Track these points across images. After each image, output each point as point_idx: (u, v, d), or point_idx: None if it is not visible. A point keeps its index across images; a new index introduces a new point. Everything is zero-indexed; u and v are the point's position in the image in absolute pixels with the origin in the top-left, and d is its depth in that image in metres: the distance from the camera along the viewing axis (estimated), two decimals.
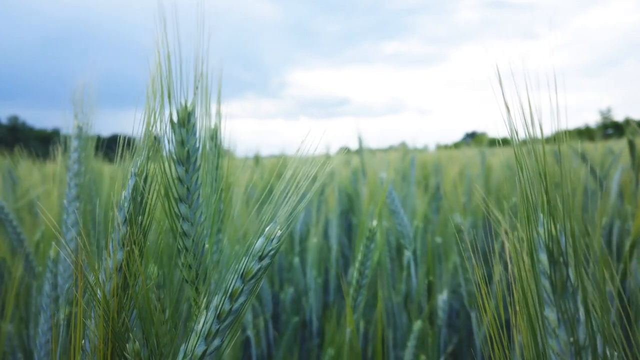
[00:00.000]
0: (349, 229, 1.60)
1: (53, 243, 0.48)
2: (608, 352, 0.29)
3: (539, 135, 0.30)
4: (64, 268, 0.47)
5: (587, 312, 0.29)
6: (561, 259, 0.30)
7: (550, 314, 0.31)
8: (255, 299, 1.24)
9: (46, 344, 0.49)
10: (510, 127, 0.31)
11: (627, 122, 1.15)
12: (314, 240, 1.32)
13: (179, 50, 0.29)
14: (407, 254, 0.91)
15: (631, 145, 1.08)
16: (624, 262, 0.67)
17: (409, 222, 0.90)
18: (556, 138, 0.30)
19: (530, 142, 0.30)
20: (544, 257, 0.31)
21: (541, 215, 0.31)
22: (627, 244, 0.67)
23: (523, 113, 0.30)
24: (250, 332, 1.12)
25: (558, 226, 0.30)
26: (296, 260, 1.39)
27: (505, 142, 0.35)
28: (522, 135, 0.31)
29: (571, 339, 0.30)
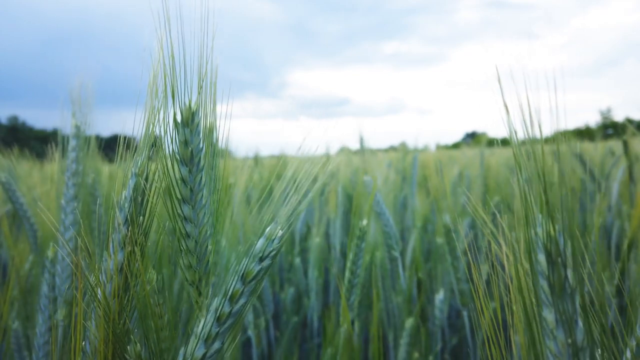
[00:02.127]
0: (349, 229, 1.60)
1: (51, 243, 0.48)
2: (605, 354, 0.29)
3: (537, 135, 0.30)
4: (62, 269, 0.47)
5: (585, 313, 0.29)
6: (559, 260, 0.30)
7: (548, 315, 0.31)
8: (257, 299, 1.24)
9: (44, 345, 0.48)
10: (509, 127, 0.31)
11: (624, 124, 1.15)
12: (316, 240, 1.32)
13: (182, 49, 0.29)
14: (395, 254, 0.91)
15: (625, 145, 1.08)
16: (622, 262, 0.67)
17: (394, 224, 0.90)
18: (556, 138, 0.30)
19: (529, 143, 0.30)
20: (542, 258, 0.31)
21: (539, 215, 0.31)
22: (625, 244, 0.67)
23: (522, 113, 0.30)
24: (251, 332, 1.12)
25: (557, 227, 0.30)
26: (297, 260, 1.39)
27: (505, 142, 0.35)
28: (521, 135, 0.31)
29: (569, 340, 0.30)
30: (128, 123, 0.33)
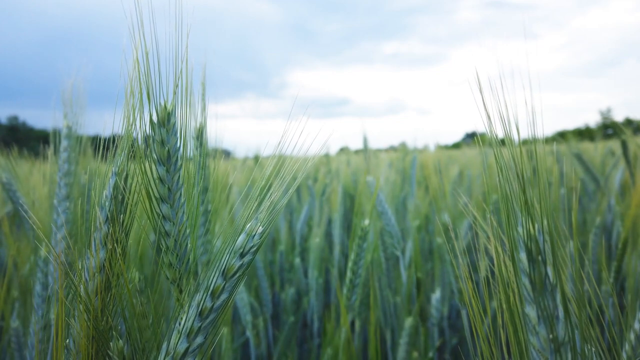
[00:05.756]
0: (350, 229, 1.60)
1: (43, 243, 0.49)
2: (586, 349, 0.29)
3: (516, 136, 0.31)
4: (54, 268, 0.47)
5: (565, 309, 0.30)
6: (539, 258, 0.30)
7: (531, 312, 0.31)
8: (255, 299, 1.24)
9: (38, 343, 0.49)
10: (489, 129, 0.32)
11: (622, 124, 1.14)
12: (316, 240, 1.32)
13: (156, 49, 0.29)
14: (397, 253, 0.91)
15: (624, 145, 1.08)
16: (617, 260, 0.67)
17: (395, 223, 0.90)
18: (536, 140, 0.30)
19: (508, 144, 0.31)
20: (523, 256, 0.32)
21: (520, 214, 0.32)
22: (620, 243, 0.67)
23: (501, 116, 0.31)
24: (249, 333, 1.12)
25: (536, 226, 0.31)
26: (297, 260, 1.40)
27: (504, 142, 0.36)
28: (505, 136, 0.31)
29: (550, 336, 0.30)
30: (115, 123, 0.33)
